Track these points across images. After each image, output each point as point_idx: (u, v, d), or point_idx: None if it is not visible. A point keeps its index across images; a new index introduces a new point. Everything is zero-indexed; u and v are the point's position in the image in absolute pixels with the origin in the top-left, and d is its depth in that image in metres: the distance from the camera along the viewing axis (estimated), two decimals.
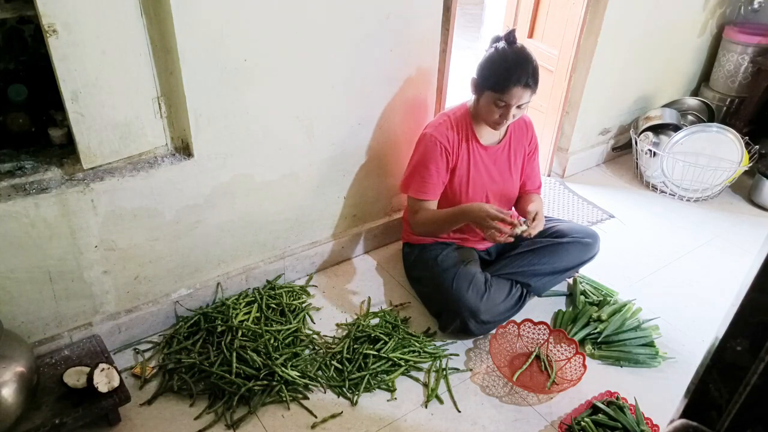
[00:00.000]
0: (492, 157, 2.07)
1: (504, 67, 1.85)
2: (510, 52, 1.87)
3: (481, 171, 2.06)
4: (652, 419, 1.74)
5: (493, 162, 2.07)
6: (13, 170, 1.58)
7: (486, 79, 1.90)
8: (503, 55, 1.87)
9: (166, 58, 1.63)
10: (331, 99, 1.98)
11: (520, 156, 2.12)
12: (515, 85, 1.83)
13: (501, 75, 1.85)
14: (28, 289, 1.65)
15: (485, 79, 1.90)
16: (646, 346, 2.02)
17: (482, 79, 1.91)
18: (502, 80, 1.85)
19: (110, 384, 1.59)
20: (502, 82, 1.85)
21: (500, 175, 2.09)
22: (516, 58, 1.85)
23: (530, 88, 1.86)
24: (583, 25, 2.58)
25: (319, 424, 1.72)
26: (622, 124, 3.18)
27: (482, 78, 1.91)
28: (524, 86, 1.84)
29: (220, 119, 1.76)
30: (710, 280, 2.39)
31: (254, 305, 2.04)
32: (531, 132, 2.14)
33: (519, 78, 1.83)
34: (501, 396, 1.85)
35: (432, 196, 2.03)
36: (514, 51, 1.87)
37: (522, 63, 1.84)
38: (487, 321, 1.98)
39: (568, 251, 2.12)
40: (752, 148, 2.96)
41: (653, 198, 2.95)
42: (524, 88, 1.85)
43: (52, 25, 1.41)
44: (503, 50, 1.88)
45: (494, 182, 2.08)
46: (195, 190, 1.82)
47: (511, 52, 1.87)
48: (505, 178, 2.10)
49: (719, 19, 3.25)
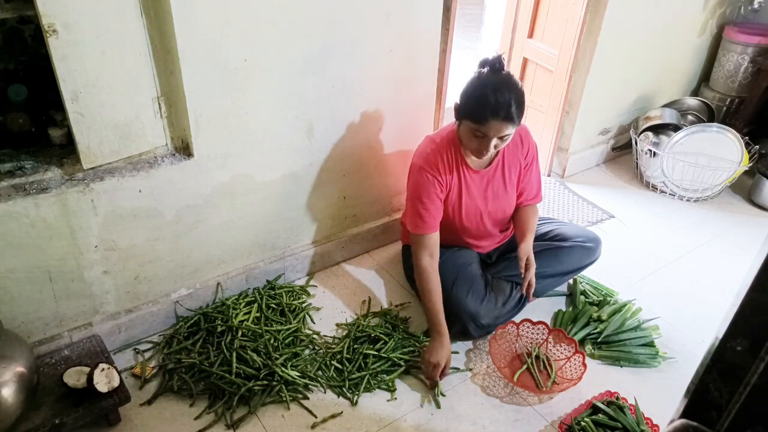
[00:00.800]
0: (484, 180, 1.99)
1: (483, 98, 1.73)
2: (493, 80, 1.75)
3: (474, 195, 1.99)
4: (652, 419, 1.74)
5: (486, 184, 2.00)
6: (13, 170, 1.58)
7: (465, 107, 1.80)
8: (485, 84, 1.75)
9: (166, 58, 1.63)
10: (331, 99, 1.98)
11: (515, 171, 2.03)
12: (493, 117, 1.72)
13: (479, 106, 1.73)
14: (28, 289, 1.65)
15: (464, 106, 1.80)
16: (646, 346, 2.02)
17: (462, 106, 1.81)
18: (480, 111, 1.73)
19: (110, 384, 1.59)
20: (479, 113, 1.74)
21: (495, 195, 2.02)
22: (498, 88, 1.72)
23: (510, 121, 1.74)
24: (583, 25, 2.58)
25: (319, 424, 1.72)
26: (622, 124, 3.18)
27: (462, 105, 1.81)
28: (503, 120, 1.73)
29: (220, 119, 1.76)
30: (710, 280, 2.39)
31: (254, 305, 2.04)
32: (527, 144, 2.02)
33: (497, 111, 1.71)
34: (501, 396, 1.85)
35: (430, 230, 1.94)
36: (498, 80, 1.75)
37: (503, 95, 1.71)
38: (487, 324, 1.97)
39: (570, 255, 2.11)
40: (752, 148, 2.96)
41: (653, 198, 2.95)
42: (503, 121, 1.73)
43: (52, 25, 1.41)
44: (486, 78, 1.76)
45: (489, 203, 2.02)
46: (195, 190, 1.83)
47: (495, 80, 1.75)
48: (500, 198, 2.03)
49: (719, 19, 3.25)
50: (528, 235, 2.01)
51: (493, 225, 2.10)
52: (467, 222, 2.03)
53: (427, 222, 1.94)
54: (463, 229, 2.06)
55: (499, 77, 1.76)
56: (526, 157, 2.03)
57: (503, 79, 1.75)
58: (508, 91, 1.73)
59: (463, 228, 2.05)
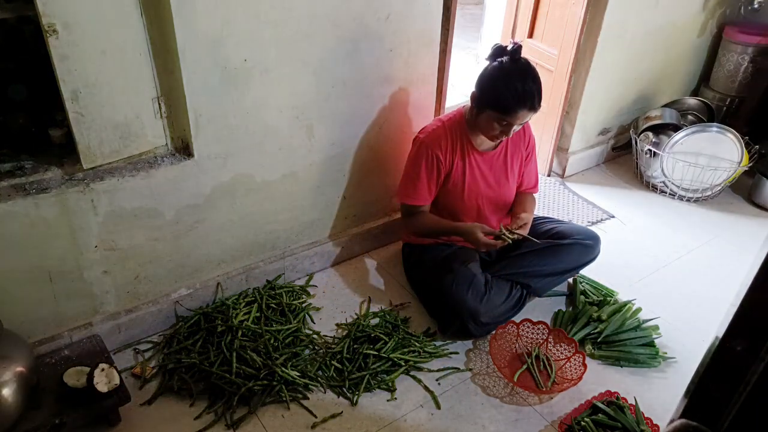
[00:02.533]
0: (488, 163, 2.04)
1: (510, 89, 1.76)
2: (516, 70, 1.77)
3: (477, 177, 2.03)
4: (652, 419, 1.74)
5: (489, 167, 2.05)
6: (13, 170, 1.58)
7: (489, 97, 1.82)
8: (508, 74, 1.77)
9: (166, 58, 1.63)
10: (331, 99, 1.98)
11: (517, 160, 2.09)
12: (521, 108, 1.77)
13: (506, 97, 1.76)
14: (28, 289, 1.65)
15: (488, 97, 1.82)
16: (646, 346, 2.02)
17: (485, 96, 1.83)
18: (507, 102, 1.77)
19: (110, 384, 1.59)
20: (507, 104, 1.77)
21: (496, 180, 2.07)
22: (523, 78, 1.76)
23: (535, 110, 1.80)
24: (583, 25, 2.58)
25: (319, 424, 1.72)
26: (622, 124, 3.18)
27: (485, 95, 1.83)
28: (530, 109, 1.78)
29: (220, 119, 1.76)
30: (710, 280, 2.39)
31: (254, 305, 2.04)
32: (528, 135, 2.10)
33: (526, 101, 1.76)
34: (501, 396, 1.85)
35: (422, 201, 2.02)
36: (521, 70, 1.77)
37: (529, 84, 1.75)
38: (487, 323, 1.98)
39: (570, 253, 2.11)
40: (752, 148, 2.96)
41: (653, 198, 2.95)
42: (530, 110, 1.79)
43: (52, 25, 1.41)
44: (508, 68, 1.78)
45: (490, 188, 2.07)
46: (195, 190, 1.83)
47: (518, 70, 1.77)
48: (501, 184, 2.08)
49: (719, 19, 3.25)
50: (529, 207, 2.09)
51: (492, 211, 2.12)
52: (468, 202, 2.06)
53: (420, 193, 2.00)
54: (463, 210, 2.08)
55: (521, 67, 1.79)
56: (527, 148, 2.10)
57: (525, 69, 1.79)
58: (533, 81, 1.77)
59: (462, 208, 2.08)
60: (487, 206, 2.09)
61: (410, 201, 2.03)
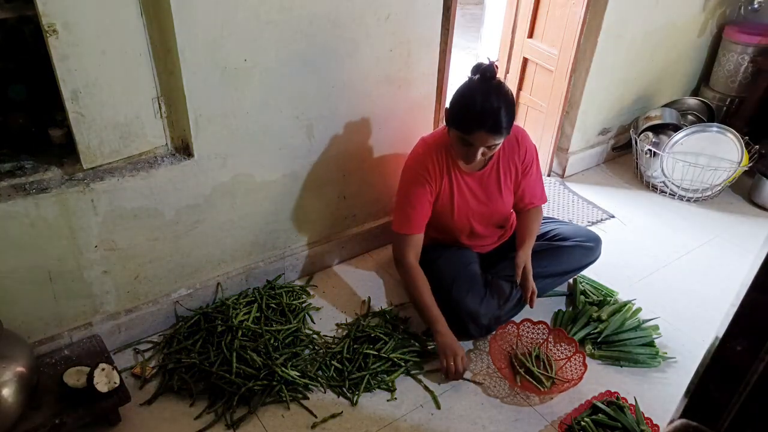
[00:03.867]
0: (477, 182, 1.98)
1: (471, 107, 1.70)
2: (482, 90, 1.71)
3: (467, 197, 1.98)
4: (652, 419, 1.74)
5: (479, 186, 1.99)
6: (13, 170, 1.58)
7: (453, 114, 1.78)
8: (473, 93, 1.72)
9: (166, 58, 1.63)
10: (331, 99, 1.98)
11: (511, 174, 2.00)
12: (479, 128, 1.70)
13: (466, 115, 1.71)
14: (28, 289, 1.65)
15: (452, 114, 1.78)
16: (646, 346, 2.02)
17: (450, 113, 1.79)
18: (466, 121, 1.72)
19: (110, 384, 1.59)
20: (465, 122, 1.72)
21: (488, 198, 2.01)
22: (485, 97, 1.69)
23: (496, 132, 1.71)
24: (583, 25, 2.58)
25: (319, 424, 1.72)
26: (622, 124, 3.18)
27: (450, 112, 1.79)
28: (488, 131, 1.70)
29: (220, 119, 1.76)
30: (710, 280, 2.39)
31: (254, 305, 2.04)
32: (524, 146, 1.98)
33: (484, 122, 1.69)
34: (501, 396, 1.85)
35: (416, 230, 1.97)
36: (487, 89, 1.70)
37: (491, 105, 1.68)
38: (487, 324, 1.98)
39: (570, 255, 2.11)
40: (752, 148, 2.96)
41: (653, 198, 2.95)
42: (489, 132, 1.71)
43: (52, 25, 1.41)
44: (476, 86, 1.73)
45: (481, 205, 2.02)
46: (195, 190, 1.83)
47: (484, 90, 1.70)
48: (493, 200, 2.02)
49: (719, 19, 3.25)
50: (527, 242, 2.00)
51: (486, 227, 2.10)
52: (459, 223, 2.03)
53: (414, 222, 1.96)
54: (456, 230, 2.07)
55: (488, 86, 1.72)
56: (523, 161, 2.00)
57: (493, 89, 1.71)
58: (497, 102, 1.69)
59: (455, 228, 2.06)
60: (479, 223, 2.06)
61: (405, 230, 1.96)
